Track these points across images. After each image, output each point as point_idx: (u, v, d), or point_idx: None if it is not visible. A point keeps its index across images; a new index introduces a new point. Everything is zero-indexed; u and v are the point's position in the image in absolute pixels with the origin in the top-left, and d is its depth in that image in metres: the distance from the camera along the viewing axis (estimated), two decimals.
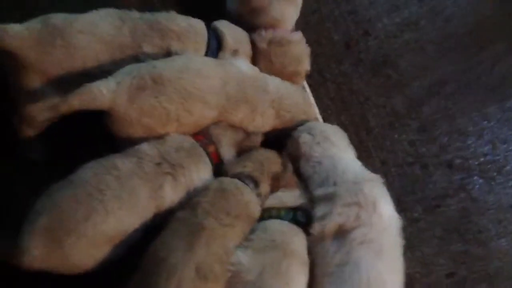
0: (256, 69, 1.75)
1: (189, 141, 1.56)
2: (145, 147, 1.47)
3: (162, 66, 1.51)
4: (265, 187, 1.59)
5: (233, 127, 1.69)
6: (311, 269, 1.49)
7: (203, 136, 1.62)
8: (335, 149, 1.68)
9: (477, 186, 2.15)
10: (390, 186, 1.98)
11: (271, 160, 1.66)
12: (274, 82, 1.76)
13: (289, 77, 1.91)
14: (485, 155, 2.21)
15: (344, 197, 1.51)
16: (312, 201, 1.58)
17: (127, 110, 1.44)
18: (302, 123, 1.80)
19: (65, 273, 1.36)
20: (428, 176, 2.14)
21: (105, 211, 1.32)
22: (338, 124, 2.08)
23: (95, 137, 1.58)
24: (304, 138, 1.70)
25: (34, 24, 1.49)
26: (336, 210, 1.50)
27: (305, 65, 1.95)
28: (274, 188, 1.63)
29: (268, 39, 1.87)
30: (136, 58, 1.58)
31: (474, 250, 2.04)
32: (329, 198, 1.53)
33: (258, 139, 1.78)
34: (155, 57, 1.59)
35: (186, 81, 1.51)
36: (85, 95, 1.37)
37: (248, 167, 1.59)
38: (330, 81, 2.21)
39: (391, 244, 1.50)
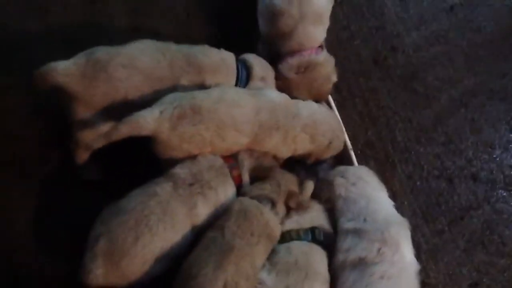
0: (285, 96, 1.83)
1: (219, 162, 1.69)
2: (178, 170, 1.63)
3: (201, 97, 1.63)
4: (281, 207, 1.71)
5: (259, 154, 1.80)
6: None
7: (232, 160, 1.75)
8: (369, 188, 1.77)
9: (501, 198, 2.20)
10: (415, 199, 2.13)
11: (289, 181, 1.77)
12: (308, 107, 1.84)
13: (317, 93, 2.00)
14: (510, 167, 2.25)
15: (370, 234, 1.61)
16: (339, 232, 1.68)
17: (169, 136, 1.58)
18: (336, 152, 1.91)
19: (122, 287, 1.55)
20: (452, 189, 2.20)
21: (151, 233, 1.50)
22: (364, 139, 2.21)
23: (142, 157, 1.73)
24: (338, 180, 1.78)
25: (80, 59, 1.62)
26: (362, 245, 1.60)
27: (333, 80, 2.03)
28: (289, 207, 1.74)
29: (295, 67, 1.95)
30: (174, 89, 1.71)
31: (498, 261, 2.11)
32: (357, 233, 1.63)
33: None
34: (191, 89, 1.71)
35: (222, 111, 1.63)
36: (133, 124, 1.53)
37: (266, 189, 1.71)
38: (358, 96, 2.29)
39: (409, 285, 1.59)
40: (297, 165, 1.95)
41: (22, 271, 1.79)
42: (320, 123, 1.84)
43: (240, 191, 1.72)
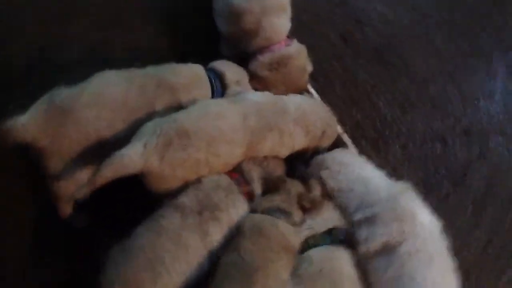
0: (267, 94, 1.73)
1: (225, 180, 1.58)
2: (184, 199, 1.50)
3: (182, 118, 1.51)
4: (297, 214, 1.61)
5: (261, 160, 1.70)
6: (363, 284, 1.52)
7: (237, 174, 1.64)
8: (357, 170, 1.69)
9: (498, 146, 2.17)
10: (414, 169, 2.08)
11: (297, 188, 1.67)
12: (293, 101, 1.75)
13: (295, 86, 1.91)
14: (498, 113, 2.23)
15: (383, 217, 1.54)
16: (352, 225, 1.60)
17: (160, 168, 1.45)
18: (331, 141, 1.82)
19: None
20: (448, 149, 2.16)
21: (168, 272, 1.39)
22: (351, 121, 2.14)
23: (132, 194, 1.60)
24: (324, 174, 1.70)
25: (39, 109, 1.47)
26: (378, 231, 1.52)
27: (308, 70, 1.94)
28: (304, 208, 1.65)
29: (267, 64, 1.85)
30: (150, 117, 1.56)
31: (507, 214, 2.09)
32: (370, 220, 1.56)
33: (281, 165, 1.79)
34: (168, 113, 1.57)
35: (208, 127, 1.52)
36: (117, 165, 1.38)
37: (275, 200, 1.61)
38: (335, 80, 2.21)
39: (438, 249, 1.53)
40: (296, 162, 1.84)
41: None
42: (309, 114, 1.75)
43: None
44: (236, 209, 1.55)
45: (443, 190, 2.09)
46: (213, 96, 1.73)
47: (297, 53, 1.89)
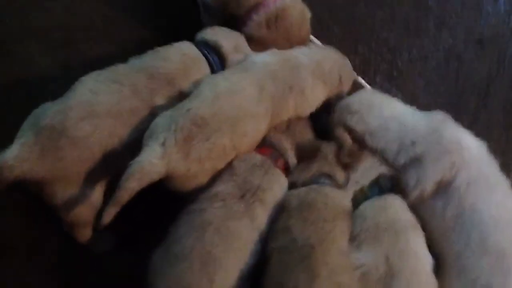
0: (275, 51, 1.58)
1: (258, 158, 1.45)
2: (221, 187, 1.37)
3: (194, 105, 1.34)
4: (340, 175, 1.51)
5: (287, 126, 1.59)
6: (424, 228, 1.43)
7: (268, 149, 1.51)
8: (387, 109, 1.55)
9: None
10: (437, 93, 2.00)
11: (332, 148, 1.56)
12: (304, 52, 1.61)
13: (298, 39, 1.74)
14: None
15: (430, 153, 1.42)
16: (399, 170, 1.48)
17: (186, 166, 1.30)
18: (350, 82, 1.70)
19: None
20: (465, 63, 2.06)
21: (223, 268, 1.26)
22: (360, 58, 2.01)
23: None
24: (351, 120, 1.55)
25: (27, 137, 1.28)
26: (429, 170, 1.41)
27: (308, 17, 1.77)
28: (346, 164, 1.55)
29: (264, 23, 1.67)
30: (154, 114, 1.39)
31: None
32: (416, 161, 1.44)
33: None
34: (171, 105, 1.41)
35: (225, 107, 1.37)
36: (138, 174, 1.22)
37: (313, 167, 1.50)
38: (332, 20, 2.06)
39: (492, 171, 1.44)
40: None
41: None
42: (323, 62, 1.61)
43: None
44: (280, 186, 1.43)
45: (472, 108, 1.99)
46: (213, 73, 1.55)
47: (293, 2, 1.72)
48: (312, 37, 1.86)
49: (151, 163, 1.24)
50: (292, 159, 1.53)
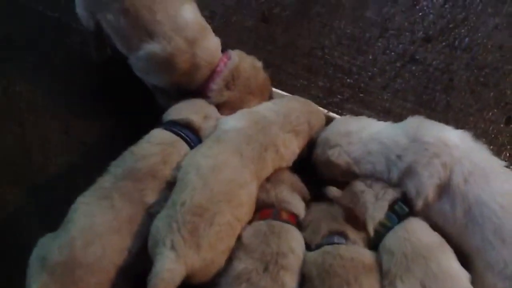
0: (243, 113, 1.63)
1: (263, 225, 1.45)
2: (241, 266, 1.36)
3: (186, 196, 1.36)
4: (352, 231, 1.49)
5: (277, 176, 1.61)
6: (437, 230, 1.44)
7: (266, 210, 1.51)
8: (363, 131, 1.58)
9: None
10: (406, 99, 2.03)
11: (339, 210, 1.56)
12: (269, 108, 1.66)
13: (260, 90, 1.81)
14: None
15: (419, 162, 1.45)
16: (396, 186, 1.51)
17: (202, 257, 1.30)
18: (320, 124, 1.72)
19: None
20: (424, 65, 2.10)
21: None
22: (323, 92, 2.05)
23: None
24: (333, 156, 1.58)
25: (42, 278, 1.30)
26: (424, 178, 1.44)
27: (259, 66, 1.83)
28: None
29: (223, 86, 1.73)
30: (150, 214, 1.42)
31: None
32: (408, 172, 1.47)
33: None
34: (163, 197, 1.44)
35: (216, 186, 1.38)
36: (161, 286, 1.22)
37: (323, 228, 1.49)
38: (282, 61, 2.11)
39: (485, 158, 1.46)
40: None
41: None
42: (289, 114, 1.65)
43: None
44: (296, 242, 1.44)
45: (442, 103, 2.03)
46: (191, 149, 1.58)
47: (240, 57, 1.77)
48: (274, 89, 1.91)
49: (169, 271, 1.24)
50: (298, 205, 1.55)
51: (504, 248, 1.33)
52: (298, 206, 1.56)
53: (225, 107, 1.74)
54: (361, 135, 1.58)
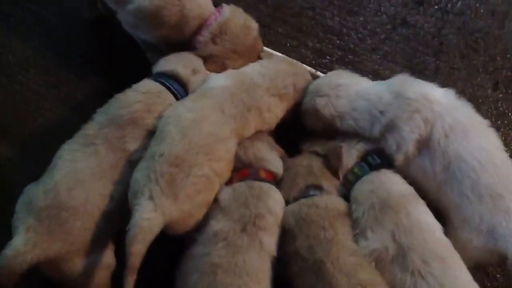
0: (230, 73, 1.62)
1: (242, 186, 1.45)
2: (219, 226, 1.37)
3: (165, 147, 1.36)
4: (327, 182, 1.51)
5: (255, 136, 1.60)
6: (416, 186, 1.45)
7: (244, 170, 1.52)
8: (352, 86, 1.59)
9: None
10: (396, 62, 2.02)
11: (317, 162, 1.57)
12: (256, 70, 1.65)
13: (249, 50, 1.79)
14: None
15: (400, 116, 1.46)
16: (377, 141, 1.52)
17: (179, 207, 1.32)
18: (305, 86, 1.69)
19: None
20: (415, 27, 2.10)
21: None
22: (312, 52, 2.04)
23: None
24: (319, 102, 1.58)
25: (28, 222, 1.31)
26: (405, 133, 1.45)
27: (253, 27, 1.80)
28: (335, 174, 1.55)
29: (210, 39, 1.71)
30: (131, 162, 1.43)
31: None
32: (390, 127, 1.48)
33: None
34: (144, 145, 1.44)
35: (195, 138, 1.39)
36: (140, 235, 1.24)
37: (299, 183, 1.51)
38: (274, 21, 2.10)
39: (465, 114, 1.47)
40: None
41: None
42: (276, 78, 1.64)
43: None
44: (274, 201, 1.44)
45: (431, 66, 2.03)
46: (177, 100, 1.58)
47: (232, 13, 1.75)
48: (265, 48, 1.90)
49: (147, 220, 1.26)
50: (273, 165, 1.55)
51: (481, 204, 1.35)
52: (276, 164, 1.56)
53: (212, 63, 1.73)
54: (349, 90, 1.58)
